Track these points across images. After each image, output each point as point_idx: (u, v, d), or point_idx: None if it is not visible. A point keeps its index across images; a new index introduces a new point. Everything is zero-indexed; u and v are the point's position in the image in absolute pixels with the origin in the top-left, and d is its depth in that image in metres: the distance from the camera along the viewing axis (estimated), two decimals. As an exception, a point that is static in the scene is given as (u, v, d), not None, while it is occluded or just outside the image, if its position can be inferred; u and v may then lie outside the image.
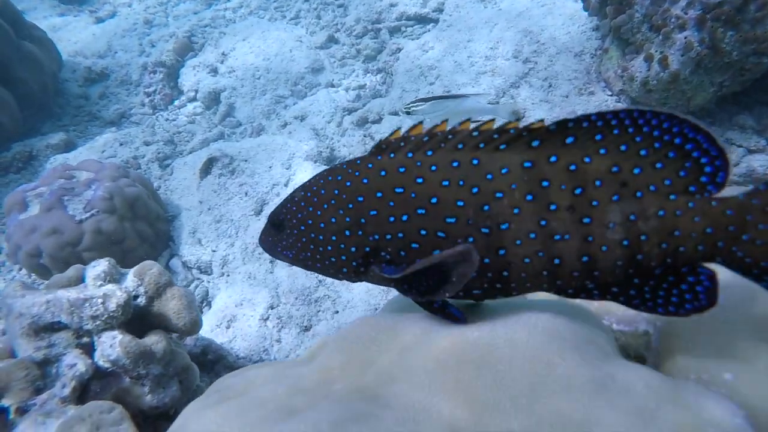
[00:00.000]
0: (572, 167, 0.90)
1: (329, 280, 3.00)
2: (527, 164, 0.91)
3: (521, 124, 0.93)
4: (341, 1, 5.69)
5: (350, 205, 0.99)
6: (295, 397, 0.90)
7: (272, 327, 2.85)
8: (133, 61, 5.93)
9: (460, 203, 0.93)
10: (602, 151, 0.90)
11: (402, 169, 0.96)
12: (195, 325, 1.96)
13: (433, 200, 0.94)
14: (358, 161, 1.03)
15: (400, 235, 0.97)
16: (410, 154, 0.97)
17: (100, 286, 1.86)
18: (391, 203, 0.97)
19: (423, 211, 0.94)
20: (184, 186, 4.11)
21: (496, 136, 0.93)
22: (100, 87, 5.80)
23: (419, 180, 0.95)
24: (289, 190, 3.78)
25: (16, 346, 1.81)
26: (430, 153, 0.96)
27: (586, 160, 0.90)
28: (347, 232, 1.00)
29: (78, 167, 3.62)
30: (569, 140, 0.90)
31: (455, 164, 0.93)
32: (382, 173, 0.98)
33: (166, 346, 1.87)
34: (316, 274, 2.94)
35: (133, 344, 1.78)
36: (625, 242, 0.90)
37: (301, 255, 1.08)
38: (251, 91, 5.00)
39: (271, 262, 3.28)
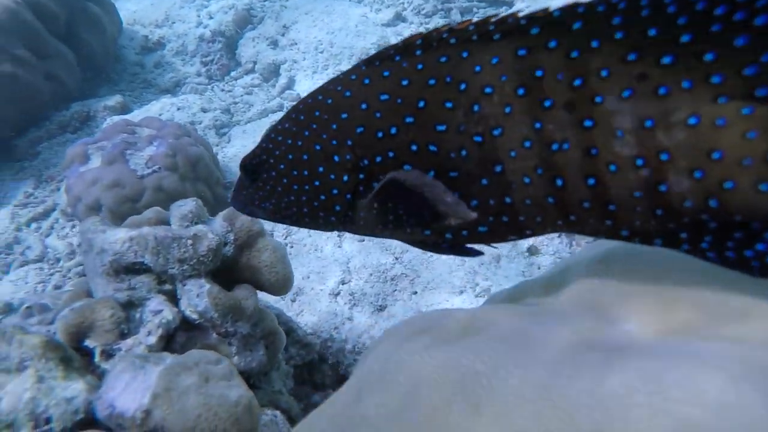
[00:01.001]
0: (574, 53, 0.68)
1: (406, 256, 2.75)
2: (521, 52, 0.71)
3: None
4: (407, -19, 5.46)
5: (334, 126, 0.83)
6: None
7: (343, 304, 2.60)
8: (190, 32, 5.80)
9: (448, 104, 0.75)
10: (618, 35, 0.65)
11: (386, 73, 0.80)
12: (287, 282, 1.73)
13: (420, 104, 0.77)
14: (341, 75, 0.87)
15: (391, 154, 0.79)
16: (397, 57, 0.80)
17: (187, 227, 1.63)
18: (378, 114, 0.80)
19: (411, 120, 0.77)
20: (243, 154, 3.90)
21: (492, 27, 0.74)
22: (155, 56, 5.69)
23: (404, 82, 0.78)
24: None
25: (94, 285, 1.60)
26: (418, 53, 0.79)
27: (593, 44, 0.67)
28: (336, 157, 0.83)
29: (139, 123, 3.46)
30: (576, 25, 0.68)
31: (443, 59, 0.76)
32: (366, 81, 0.81)
33: (255, 303, 1.63)
34: (389, 249, 2.71)
35: (222, 296, 1.55)
36: (639, 161, 0.65)
37: (283, 201, 0.90)
38: (313, 65, 4.80)
39: (339, 236, 3.04)
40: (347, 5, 5.24)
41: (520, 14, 0.72)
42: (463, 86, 0.74)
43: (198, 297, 1.54)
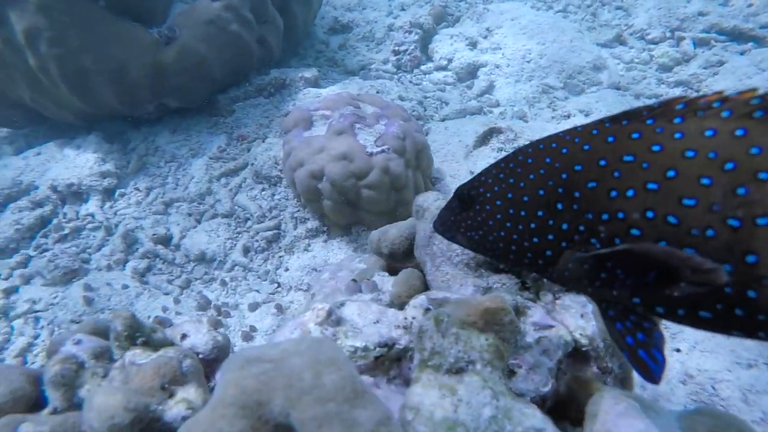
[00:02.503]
0: None
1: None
2: None
3: None
4: (619, 3, 5.02)
5: (564, 175, 0.81)
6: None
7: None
8: (380, 20, 5.75)
9: (706, 181, 0.68)
10: None
11: (636, 135, 0.76)
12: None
13: (670, 173, 0.71)
14: (580, 128, 0.84)
15: (621, 215, 0.75)
16: (651, 121, 0.76)
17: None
18: (616, 173, 0.76)
19: (655, 186, 0.72)
20: (447, 151, 3.66)
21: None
22: (340, 38, 5.68)
23: (655, 147, 0.73)
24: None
25: (436, 273, 1.33)
26: (678, 120, 0.74)
27: None
28: (559, 205, 0.81)
29: (361, 99, 3.30)
30: None
31: (709, 133, 0.70)
32: (610, 139, 0.78)
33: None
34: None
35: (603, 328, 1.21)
36: None
37: (491, 236, 0.92)
38: (517, 73, 4.49)
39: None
40: (559, 19, 4.90)
41: None
42: (730, 165, 0.68)
43: (582, 318, 1.22)
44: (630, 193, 0.74)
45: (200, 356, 1.68)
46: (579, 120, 3.78)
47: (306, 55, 5.43)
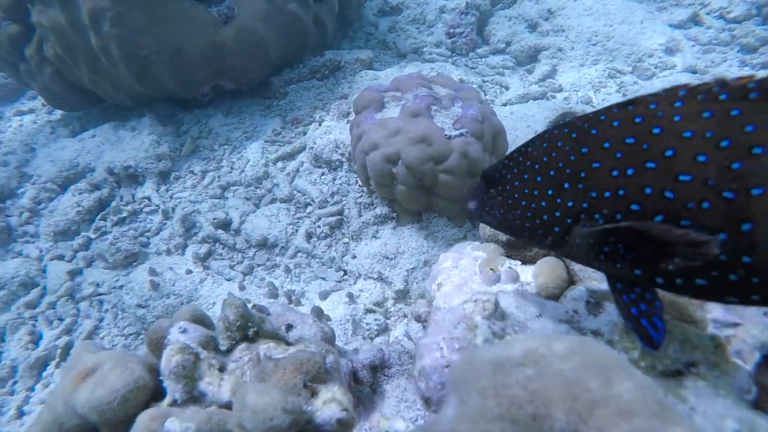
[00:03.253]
0: None
1: None
2: None
3: None
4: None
5: (572, 157, 0.88)
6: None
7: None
8: (431, 1, 5.55)
9: (702, 158, 0.75)
10: None
11: (639, 119, 0.83)
12: None
13: (668, 152, 0.78)
14: (591, 114, 0.92)
15: (621, 192, 0.82)
16: (654, 105, 0.82)
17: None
18: (619, 154, 0.83)
19: (653, 165, 0.79)
20: (515, 136, 3.47)
21: (758, 87, 0.72)
22: (390, 20, 5.51)
23: (656, 130, 0.79)
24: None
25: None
26: (679, 104, 0.80)
27: None
28: (566, 185, 0.88)
29: (433, 80, 3.15)
30: None
31: (707, 114, 0.76)
32: (615, 123, 0.85)
33: None
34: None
35: None
36: None
37: (510, 213, 0.98)
38: (582, 56, 4.27)
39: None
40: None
41: None
42: (726, 143, 0.72)
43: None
44: (630, 171, 0.80)
45: (308, 347, 1.58)
46: (656, 105, 3.57)
47: (355, 38, 5.28)
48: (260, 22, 3.80)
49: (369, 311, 2.68)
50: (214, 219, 3.33)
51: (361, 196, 3.36)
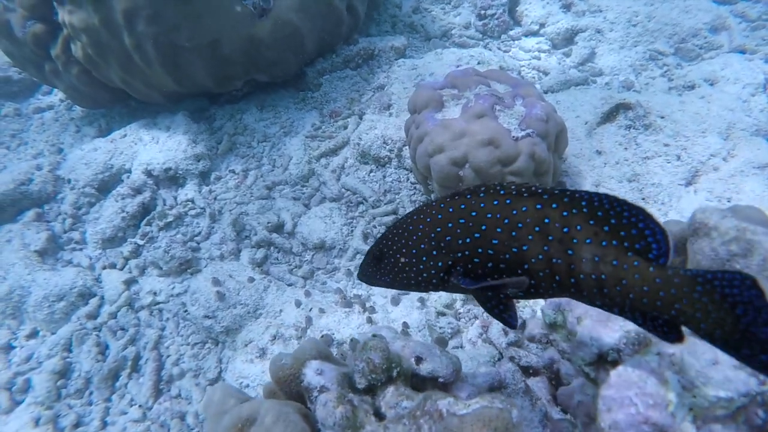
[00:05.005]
0: (564, 213, 1.18)
1: None
2: (538, 206, 1.20)
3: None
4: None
5: (432, 234, 1.33)
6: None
7: None
8: (455, -21, 5.37)
9: (499, 230, 1.24)
10: (585, 210, 1.18)
11: (462, 206, 1.29)
12: None
13: (483, 227, 1.26)
14: (433, 203, 1.36)
15: (467, 252, 1.28)
16: (468, 196, 1.29)
17: None
18: (458, 231, 1.29)
19: (478, 236, 1.26)
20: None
21: (523, 189, 1.23)
22: (413, 0, 5.34)
23: (473, 213, 1.27)
24: (729, 165, 2.97)
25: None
26: (482, 195, 1.27)
27: (574, 211, 1.18)
28: (434, 253, 1.33)
29: (487, 75, 3.08)
30: (566, 199, 1.19)
31: (495, 203, 1.25)
32: (450, 210, 1.31)
33: None
34: None
35: None
36: (593, 276, 1.16)
37: (399, 277, 1.41)
38: (622, 38, 4.19)
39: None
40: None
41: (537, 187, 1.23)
42: (506, 221, 1.23)
43: None
44: (467, 240, 1.27)
45: (440, 380, 1.59)
46: (705, 91, 3.52)
47: (381, 21, 5.11)
48: (296, 12, 3.67)
49: (440, 314, 2.70)
50: (269, 223, 3.29)
51: (414, 193, 3.33)
